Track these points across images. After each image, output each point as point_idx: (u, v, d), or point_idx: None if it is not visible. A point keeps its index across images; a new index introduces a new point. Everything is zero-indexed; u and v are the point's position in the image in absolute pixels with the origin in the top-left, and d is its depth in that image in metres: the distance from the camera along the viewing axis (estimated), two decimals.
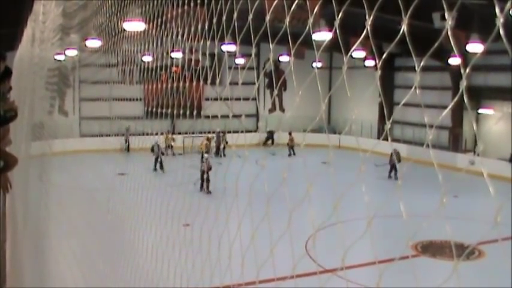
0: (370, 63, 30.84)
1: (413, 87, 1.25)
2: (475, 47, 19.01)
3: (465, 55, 19.55)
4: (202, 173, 21.48)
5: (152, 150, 25.87)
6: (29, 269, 6.33)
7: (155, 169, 26.12)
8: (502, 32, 0.97)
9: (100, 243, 5.98)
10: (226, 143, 32.13)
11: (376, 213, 2.03)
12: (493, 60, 23.27)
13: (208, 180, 21.16)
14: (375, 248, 12.85)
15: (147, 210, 4.18)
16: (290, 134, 32.59)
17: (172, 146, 31.10)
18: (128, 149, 29.81)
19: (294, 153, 32.42)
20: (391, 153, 24.41)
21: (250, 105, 37.21)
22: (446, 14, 1.10)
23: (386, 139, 1.72)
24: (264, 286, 2.34)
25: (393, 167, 25.28)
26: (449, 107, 1.42)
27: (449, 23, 1.09)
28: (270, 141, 37.17)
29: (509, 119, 24.55)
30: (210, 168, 21.37)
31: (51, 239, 7.22)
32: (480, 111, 28.00)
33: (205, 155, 23.77)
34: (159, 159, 25.98)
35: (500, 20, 0.97)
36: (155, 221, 4.00)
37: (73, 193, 8.92)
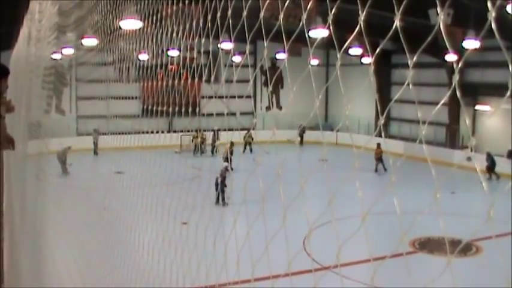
0: (367, 60, 30.86)
1: (405, 83, 1.25)
2: (471, 44, 19.03)
3: (461, 52, 19.56)
4: (217, 181, 18.84)
5: None
6: (26, 267, 6.33)
7: None
8: (494, 26, 0.98)
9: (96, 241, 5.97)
10: (252, 139, 32.30)
11: (377, 210, 2.03)
12: (489, 57, 23.28)
13: (223, 190, 18.82)
14: (376, 244, 12.86)
15: (145, 209, 4.18)
16: (379, 146, 26.03)
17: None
18: (95, 151, 29.74)
19: (385, 169, 26.12)
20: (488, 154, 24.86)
21: (248, 103, 37.17)
22: (438, 10, 1.11)
23: (380, 135, 1.72)
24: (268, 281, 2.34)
25: (490, 168, 25.23)
26: (442, 101, 1.43)
27: (441, 18, 1.09)
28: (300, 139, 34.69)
29: (507, 115, 24.56)
30: (224, 178, 18.94)
31: (48, 236, 7.21)
32: (477, 107, 28.01)
33: (224, 164, 20.31)
34: None
35: (492, 14, 0.97)
36: (151, 219, 4.00)
37: (69, 191, 8.91)
